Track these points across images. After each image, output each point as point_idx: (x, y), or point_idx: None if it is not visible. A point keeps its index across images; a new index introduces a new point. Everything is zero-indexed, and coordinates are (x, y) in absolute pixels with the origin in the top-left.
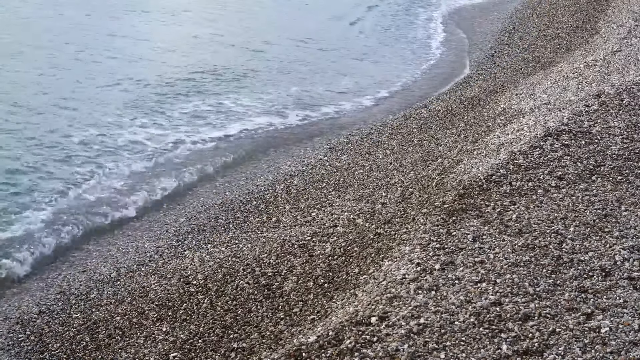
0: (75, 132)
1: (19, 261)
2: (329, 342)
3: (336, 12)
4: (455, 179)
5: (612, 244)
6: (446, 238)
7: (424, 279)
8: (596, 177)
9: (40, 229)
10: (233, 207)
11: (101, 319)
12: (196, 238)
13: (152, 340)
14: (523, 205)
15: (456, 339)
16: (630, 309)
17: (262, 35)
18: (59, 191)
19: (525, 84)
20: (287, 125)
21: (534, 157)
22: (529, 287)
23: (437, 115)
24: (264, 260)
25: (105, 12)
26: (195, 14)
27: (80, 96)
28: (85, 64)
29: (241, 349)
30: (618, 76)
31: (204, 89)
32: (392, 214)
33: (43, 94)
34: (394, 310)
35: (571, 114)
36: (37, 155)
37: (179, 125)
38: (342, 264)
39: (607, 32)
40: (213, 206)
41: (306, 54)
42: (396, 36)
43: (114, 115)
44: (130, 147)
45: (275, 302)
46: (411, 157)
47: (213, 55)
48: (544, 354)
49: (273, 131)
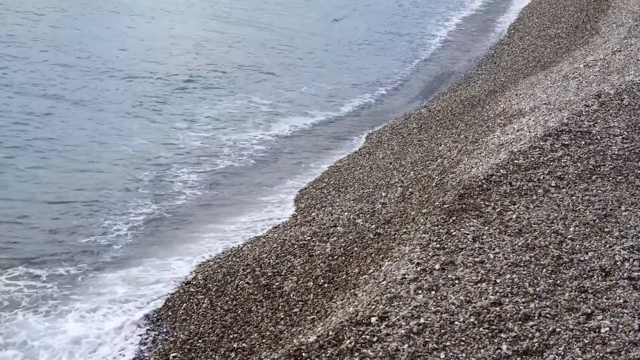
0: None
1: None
2: (329, 342)
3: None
4: (455, 179)
5: (612, 244)
6: (446, 238)
7: (424, 279)
8: (596, 177)
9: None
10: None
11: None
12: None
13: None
14: (523, 205)
15: (456, 339)
16: (630, 309)
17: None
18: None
19: (525, 84)
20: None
21: (534, 157)
22: (529, 287)
23: (437, 115)
24: (264, 260)
25: (106, 11)
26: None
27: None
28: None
29: (241, 349)
30: (618, 76)
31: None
32: (392, 214)
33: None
34: (394, 310)
35: (571, 114)
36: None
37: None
38: (342, 264)
39: (607, 32)
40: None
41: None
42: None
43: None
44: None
45: (275, 302)
46: (411, 157)
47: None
48: (544, 354)
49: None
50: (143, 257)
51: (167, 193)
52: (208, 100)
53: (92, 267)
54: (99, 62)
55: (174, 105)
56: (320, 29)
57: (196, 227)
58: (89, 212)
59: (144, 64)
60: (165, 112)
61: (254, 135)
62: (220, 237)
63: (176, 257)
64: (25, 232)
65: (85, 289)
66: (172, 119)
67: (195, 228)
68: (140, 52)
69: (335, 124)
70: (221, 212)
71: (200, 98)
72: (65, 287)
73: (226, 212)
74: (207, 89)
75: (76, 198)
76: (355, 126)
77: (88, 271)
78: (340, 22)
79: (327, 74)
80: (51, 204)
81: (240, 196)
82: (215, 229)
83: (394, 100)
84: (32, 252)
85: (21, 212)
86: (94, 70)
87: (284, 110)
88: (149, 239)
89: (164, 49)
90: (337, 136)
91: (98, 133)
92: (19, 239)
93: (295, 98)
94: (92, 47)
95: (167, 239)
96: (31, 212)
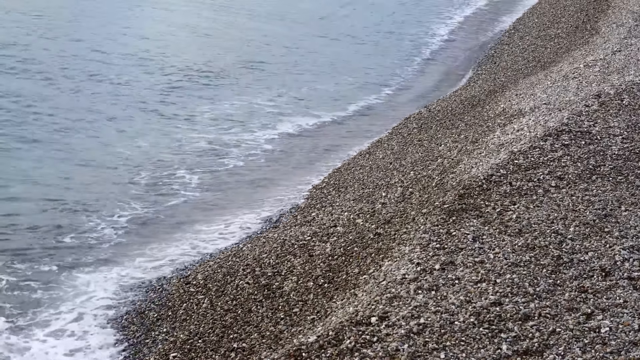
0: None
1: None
2: (329, 342)
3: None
4: (455, 179)
5: (612, 244)
6: (446, 238)
7: (424, 279)
8: (596, 177)
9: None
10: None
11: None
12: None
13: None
14: (523, 205)
15: (456, 339)
16: (630, 309)
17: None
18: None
19: (525, 84)
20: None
21: (534, 157)
22: (529, 287)
23: (437, 115)
24: (264, 260)
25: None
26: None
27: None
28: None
29: (241, 349)
30: (618, 76)
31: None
32: (392, 214)
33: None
34: (394, 310)
35: (571, 114)
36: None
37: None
38: (342, 264)
39: (607, 32)
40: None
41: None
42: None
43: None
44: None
45: (275, 302)
46: (411, 157)
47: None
48: (544, 354)
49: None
50: (139, 256)
51: (167, 193)
52: (206, 99)
53: (84, 264)
54: (99, 58)
55: (174, 104)
56: (323, 28)
57: (196, 227)
58: (93, 208)
59: (146, 61)
60: (165, 112)
61: (255, 135)
62: (219, 237)
63: (176, 256)
64: (12, 227)
65: (74, 287)
66: (172, 119)
67: (195, 228)
68: (142, 48)
69: (341, 125)
70: (222, 211)
71: (198, 97)
72: (51, 285)
73: (227, 212)
74: (206, 88)
75: (80, 196)
76: (360, 127)
77: (79, 269)
78: (342, 20)
79: (330, 73)
80: (46, 202)
81: (240, 196)
82: (215, 229)
83: (398, 100)
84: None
85: (17, 210)
86: (94, 67)
87: (287, 110)
88: (145, 237)
89: (166, 46)
90: (342, 136)
91: (100, 132)
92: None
93: (299, 98)
94: (91, 43)
95: (166, 239)
96: (23, 211)
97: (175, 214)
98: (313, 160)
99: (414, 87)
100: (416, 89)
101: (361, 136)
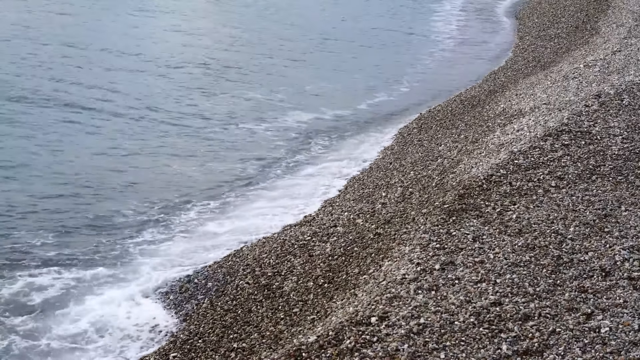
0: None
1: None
2: (329, 342)
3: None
4: (455, 179)
5: (612, 244)
6: (446, 238)
7: (424, 279)
8: (596, 177)
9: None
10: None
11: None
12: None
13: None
14: (523, 205)
15: (456, 339)
16: (630, 309)
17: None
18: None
19: (525, 84)
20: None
21: (534, 157)
22: (529, 287)
23: (437, 115)
24: (264, 260)
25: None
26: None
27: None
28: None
29: (241, 349)
30: (618, 76)
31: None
32: (392, 214)
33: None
34: (394, 310)
35: (571, 114)
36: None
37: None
38: (342, 264)
39: (607, 32)
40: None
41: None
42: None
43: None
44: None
45: (275, 302)
46: (411, 157)
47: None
48: (544, 354)
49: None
50: (139, 255)
51: (166, 192)
52: (211, 98)
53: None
54: (108, 58)
55: (173, 105)
56: (330, 28)
57: (195, 227)
58: (124, 201)
59: (151, 59)
60: (166, 111)
61: (263, 133)
62: (220, 237)
63: (175, 256)
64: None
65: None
66: (173, 118)
67: (194, 227)
68: (149, 46)
69: (353, 123)
70: (221, 211)
71: (203, 96)
72: (67, 286)
73: (227, 212)
74: (212, 86)
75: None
76: (369, 126)
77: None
78: (349, 21)
79: (336, 73)
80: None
81: (240, 195)
82: (213, 230)
83: (403, 101)
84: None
85: (24, 209)
86: (102, 67)
87: (295, 108)
88: (147, 237)
89: (169, 45)
90: (352, 135)
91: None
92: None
93: (306, 96)
94: (100, 43)
95: (166, 239)
96: (35, 208)
97: (176, 214)
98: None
99: (421, 88)
100: (425, 90)
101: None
